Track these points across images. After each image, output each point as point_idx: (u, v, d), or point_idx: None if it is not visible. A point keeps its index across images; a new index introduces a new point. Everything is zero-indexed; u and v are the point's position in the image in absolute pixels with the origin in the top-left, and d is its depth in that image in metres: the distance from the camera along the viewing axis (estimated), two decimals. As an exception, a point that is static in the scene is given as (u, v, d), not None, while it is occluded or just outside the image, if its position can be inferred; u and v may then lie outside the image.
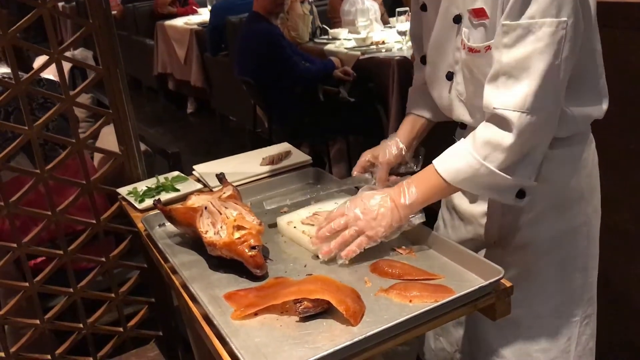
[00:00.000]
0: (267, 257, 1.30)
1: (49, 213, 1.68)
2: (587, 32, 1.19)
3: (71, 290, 1.78)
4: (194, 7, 6.89)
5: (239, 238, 1.23)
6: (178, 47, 6.11)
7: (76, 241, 1.76)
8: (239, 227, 1.26)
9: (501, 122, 1.17)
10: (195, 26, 5.93)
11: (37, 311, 1.75)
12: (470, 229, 1.47)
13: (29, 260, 1.94)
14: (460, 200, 1.49)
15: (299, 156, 1.84)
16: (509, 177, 1.19)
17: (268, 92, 3.99)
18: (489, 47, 1.20)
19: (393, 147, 1.51)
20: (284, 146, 1.92)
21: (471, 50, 1.24)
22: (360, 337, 0.98)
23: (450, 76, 1.35)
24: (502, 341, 1.43)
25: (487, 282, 1.11)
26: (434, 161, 1.26)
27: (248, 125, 4.96)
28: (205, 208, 1.32)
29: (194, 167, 1.84)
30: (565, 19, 1.10)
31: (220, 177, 1.54)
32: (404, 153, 1.52)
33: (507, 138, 1.16)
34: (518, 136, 1.15)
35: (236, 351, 0.98)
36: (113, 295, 1.87)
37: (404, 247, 1.31)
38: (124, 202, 1.70)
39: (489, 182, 1.20)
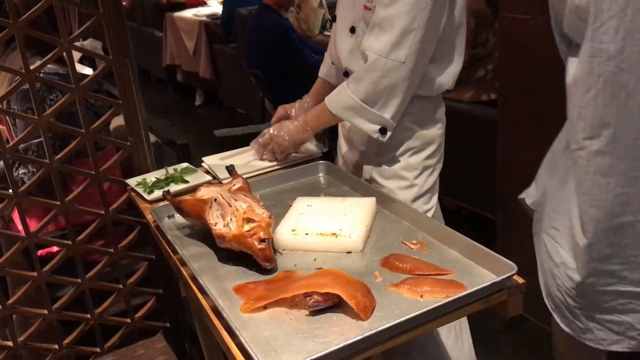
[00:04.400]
0: (277, 250, 1.30)
1: (58, 203, 1.68)
2: (451, 19, 1.56)
3: (79, 280, 1.78)
4: (203, -1, 6.87)
5: (248, 231, 1.22)
6: (187, 38, 6.10)
7: (85, 232, 1.75)
8: (249, 220, 1.25)
9: (371, 63, 1.52)
10: (205, 18, 5.91)
11: (45, 301, 1.75)
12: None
13: (42, 249, 1.95)
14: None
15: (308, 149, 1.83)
16: (369, 107, 1.54)
17: (276, 85, 3.98)
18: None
19: (304, 105, 1.90)
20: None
21: (366, 8, 1.56)
22: (371, 332, 0.97)
23: (353, 30, 1.65)
24: None
25: (500, 278, 1.10)
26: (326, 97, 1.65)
27: (256, 118, 4.95)
28: (215, 200, 1.31)
29: (203, 158, 1.83)
30: None
31: (230, 169, 1.53)
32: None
33: (362, 71, 1.53)
34: (370, 70, 1.52)
35: (245, 344, 0.97)
36: (121, 286, 1.87)
37: (414, 241, 1.29)
38: (132, 193, 1.70)
39: (357, 112, 1.56)
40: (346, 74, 1.68)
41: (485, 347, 1.82)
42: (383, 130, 1.57)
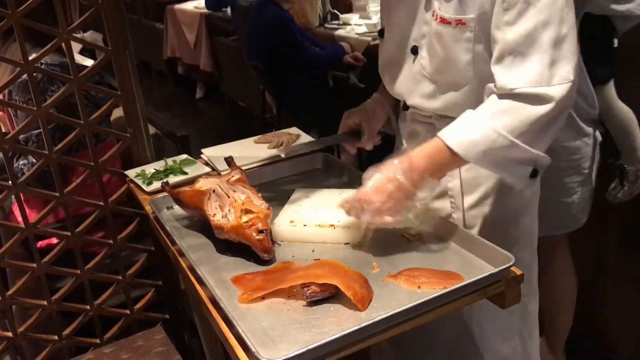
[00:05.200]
0: (275, 241, 1.30)
1: (57, 194, 1.68)
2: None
3: (78, 272, 1.79)
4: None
5: (246, 222, 1.23)
6: (188, 31, 6.09)
7: (84, 223, 1.76)
8: (247, 211, 1.25)
9: (528, 99, 1.12)
10: (205, 10, 5.90)
11: (44, 292, 1.75)
12: None
13: (42, 240, 1.96)
14: None
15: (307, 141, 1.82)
16: (528, 148, 1.14)
17: (277, 77, 3.97)
18: (459, 22, 1.22)
19: (380, 111, 1.52)
20: (293, 130, 1.90)
21: (443, 20, 1.24)
22: (368, 323, 0.97)
23: (415, 50, 1.34)
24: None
25: (497, 270, 1.10)
26: (440, 134, 1.18)
27: (257, 111, 4.94)
28: (214, 191, 1.31)
29: (202, 150, 1.83)
30: None
31: (229, 161, 1.53)
32: (389, 114, 1.53)
33: (538, 110, 1.11)
34: (553, 107, 1.11)
35: (243, 334, 0.97)
36: (120, 277, 1.88)
37: (413, 233, 1.29)
38: (132, 185, 1.70)
39: (506, 155, 1.15)
40: (405, 106, 1.43)
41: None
42: (534, 173, 1.20)
